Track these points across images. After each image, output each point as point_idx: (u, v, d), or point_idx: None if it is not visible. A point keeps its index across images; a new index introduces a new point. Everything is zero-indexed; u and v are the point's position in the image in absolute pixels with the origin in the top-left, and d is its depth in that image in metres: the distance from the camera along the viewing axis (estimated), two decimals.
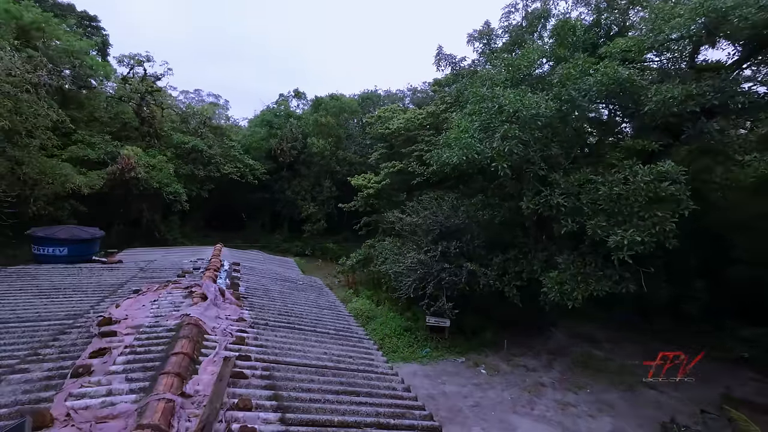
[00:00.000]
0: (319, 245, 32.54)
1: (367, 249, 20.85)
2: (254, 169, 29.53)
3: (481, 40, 17.08)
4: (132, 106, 23.44)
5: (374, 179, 22.47)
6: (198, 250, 12.90)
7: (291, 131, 30.46)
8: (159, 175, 20.64)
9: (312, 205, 31.19)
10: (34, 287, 6.91)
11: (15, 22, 20.60)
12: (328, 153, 30.12)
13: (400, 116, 24.91)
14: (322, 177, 31.65)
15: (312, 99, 40.15)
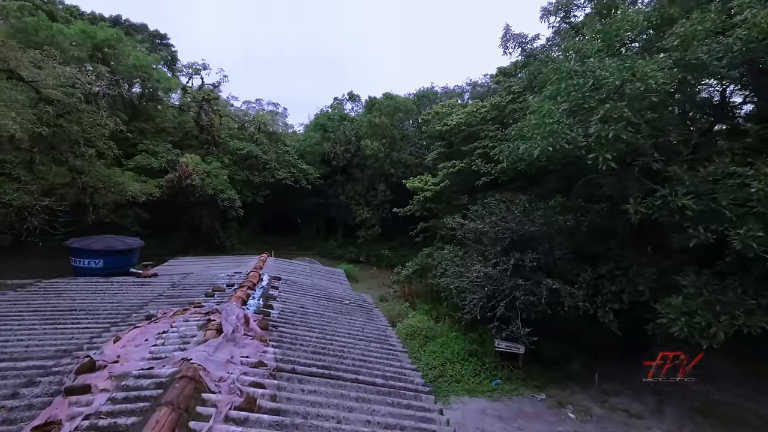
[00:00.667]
0: (374, 252, 31.39)
1: (425, 258, 19.05)
2: (308, 173, 29.24)
3: (558, 13, 14.56)
4: (191, 114, 24.16)
5: (431, 181, 20.65)
6: (243, 261, 12.10)
7: (344, 134, 29.75)
8: (214, 181, 20.79)
9: (366, 209, 30.14)
10: (49, 308, 6.22)
11: (90, 41, 22.12)
12: (382, 155, 28.89)
13: (460, 111, 22.83)
14: (376, 180, 30.50)
15: (366, 101, 39.58)
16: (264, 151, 26.78)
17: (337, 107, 36.48)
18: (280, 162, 27.76)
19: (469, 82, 35.98)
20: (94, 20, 27.74)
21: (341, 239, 33.40)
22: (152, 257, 24.82)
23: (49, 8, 27.38)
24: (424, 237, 23.68)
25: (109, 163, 16.47)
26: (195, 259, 12.65)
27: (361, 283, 25.65)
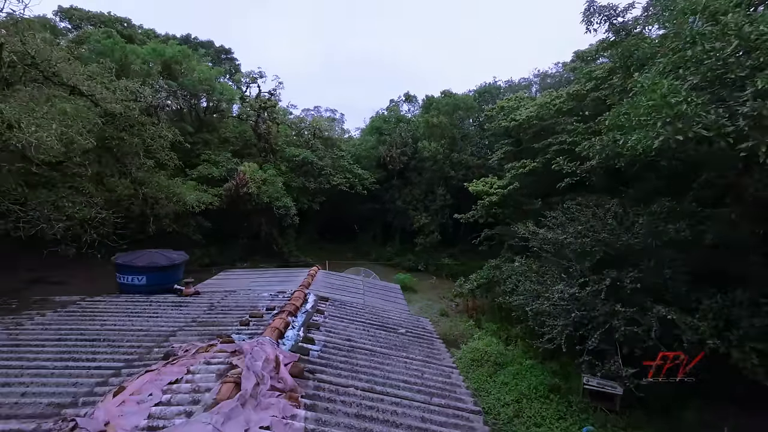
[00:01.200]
0: (433, 260, 29.73)
1: (491, 270, 17.07)
2: (363, 178, 28.53)
3: None
4: (250, 123, 24.63)
5: (497, 184, 18.59)
6: (292, 276, 11.31)
7: (400, 136, 28.60)
8: (270, 189, 20.76)
9: (424, 215, 28.63)
10: (74, 335, 5.68)
11: (160, 59, 23.45)
12: (441, 156, 27.22)
13: (529, 104, 20.49)
14: (434, 184, 28.89)
15: (423, 100, 38.17)
16: (319, 157, 26.56)
17: (393, 109, 35.52)
18: (336, 167, 27.37)
19: (537, 73, 32.98)
20: (167, 40, 29.73)
21: (398, 246, 32.21)
22: (212, 266, 25.67)
23: (128, 32, 29.94)
24: (489, 245, 21.59)
25: (170, 174, 16.93)
26: (244, 272, 12.17)
27: (419, 294, 24.19)
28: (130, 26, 31.18)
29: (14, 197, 9.64)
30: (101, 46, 19.94)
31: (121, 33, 29.50)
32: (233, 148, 26.08)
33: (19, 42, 7.76)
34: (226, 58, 38.21)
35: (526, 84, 32.83)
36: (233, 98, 26.13)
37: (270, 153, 25.25)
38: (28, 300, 7.98)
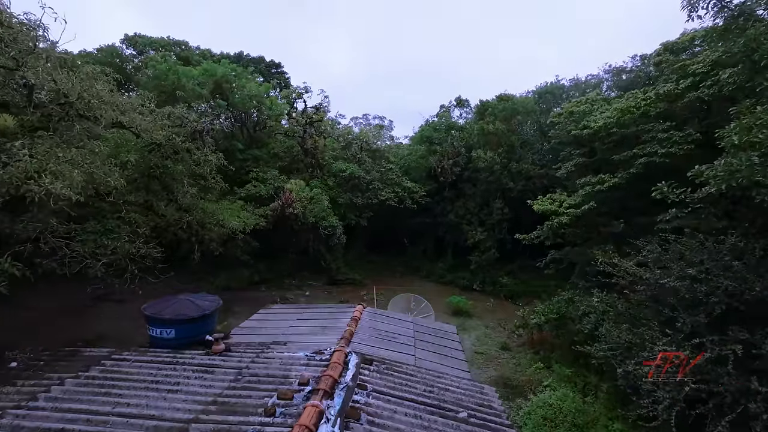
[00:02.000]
0: (489, 278, 27.52)
1: (563, 304, 14.81)
2: (413, 192, 27.15)
3: None
4: (297, 139, 24.35)
5: (567, 201, 16.25)
6: (335, 316, 10.25)
7: (452, 145, 26.86)
8: (316, 208, 20.12)
9: (479, 230, 26.58)
10: (78, 425, 4.92)
11: (212, 79, 23.96)
12: (498, 166, 25.08)
13: (603, 108, 17.90)
14: (490, 196, 26.74)
15: (476, 106, 36.05)
16: (367, 171, 25.63)
17: (444, 115, 33.80)
18: (384, 181, 26.29)
19: (608, 68, 29.44)
20: (220, 60, 30.70)
21: (451, 262, 30.33)
22: (261, 284, 25.74)
23: (185, 54, 31.36)
24: (556, 269, 19.19)
25: (218, 196, 16.81)
26: (282, 311, 11.32)
27: (475, 319, 22.24)
28: (187, 48, 32.70)
29: (61, 232, 9.49)
30: (157, 71, 20.62)
31: (179, 56, 31.01)
32: (281, 164, 26.00)
33: (52, 81, 7.47)
34: (276, 73, 38.95)
35: (596, 81, 29.50)
36: (282, 113, 26.10)
37: (317, 168, 24.79)
38: (57, 352, 7.62)
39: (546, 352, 16.84)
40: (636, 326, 10.58)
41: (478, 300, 25.93)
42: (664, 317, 9.48)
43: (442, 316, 22.50)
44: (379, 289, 25.37)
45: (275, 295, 25.02)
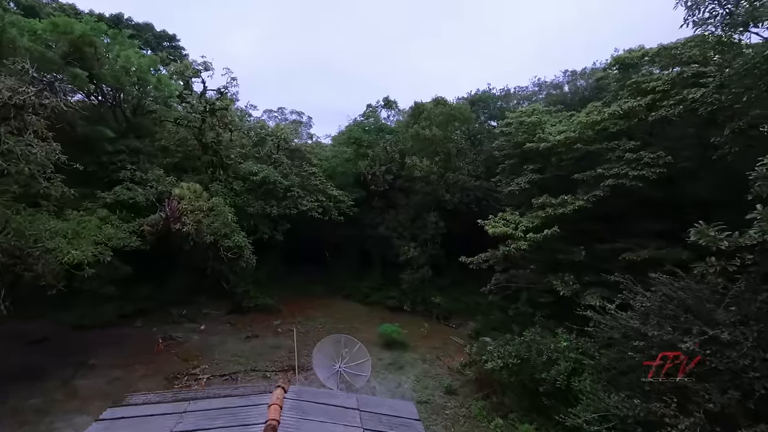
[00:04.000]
0: (421, 297, 25.33)
1: (523, 348, 12.79)
2: (340, 201, 23.69)
3: None
4: (193, 130, 19.19)
5: (524, 224, 14.47)
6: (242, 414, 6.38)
7: (385, 150, 24.11)
8: (216, 222, 15.48)
9: (412, 245, 24.21)
10: None
11: (67, 38, 17.54)
12: (435, 176, 23.01)
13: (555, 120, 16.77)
14: (425, 208, 24.61)
15: (408, 108, 34.05)
16: (284, 174, 21.47)
17: (371, 115, 31.02)
18: (305, 187, 22.41)
19: (537, 81, 29.73)
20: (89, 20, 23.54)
21: (379, 279, 27.56)
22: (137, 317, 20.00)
23: (30, 3, 23.49)
24: (503, 296, 17.57)
25: (54, 208, 11.39)
26: (147, 408, 7.07)
27: (411, 351, 19.64)
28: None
29: None
30: None
31: (20, 2, 23.08)
32: (171, 161, 20.45)
33: None
34: (169, 47, 32.10)
35: (527, 93, 29.53)
36: (173, 95, 20.50)
37: (219, 168, 19.89)
38: None
39: (497, 396, 14.86)
40: (632, 389, 8.76)
41: (410, 324, 23.48)
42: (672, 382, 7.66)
43: (374, 350, 19.46)
44: (292, 323, 21.20)
45: (156, 332, 19.34)
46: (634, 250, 12.98)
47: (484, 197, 26.69)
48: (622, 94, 16.19)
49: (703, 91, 11.64)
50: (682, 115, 12.49)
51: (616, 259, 13.68)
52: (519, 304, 17.32)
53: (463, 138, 27.39)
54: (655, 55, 15.26)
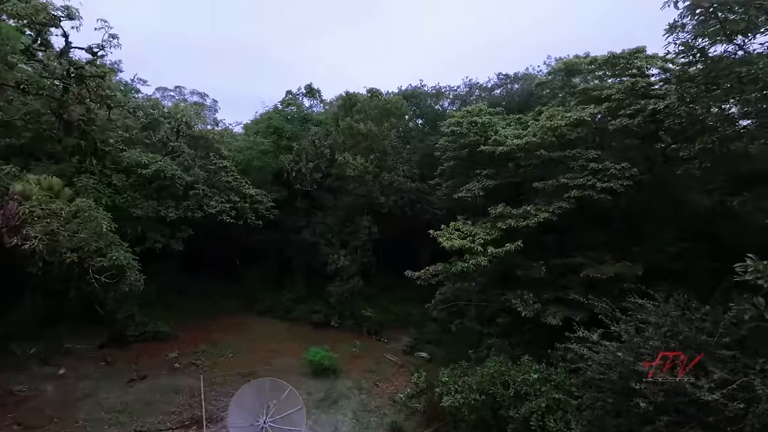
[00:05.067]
0: (350, 310, 23.03)
1: (485, 378, 11.35)
2: (257, 202, 20.12)
3: None
4: (50, 101, 14.04)
5: (481, 236, 13.07)
6: None
7: (313, 144, 21.17)
8: (83, 232, 11.17)
9: (342, 253, 21.74)
10: None
11: None
12: (370, 177, 20.86)
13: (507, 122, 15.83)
14: (357, 212, 22.32)
15: (334, 99, 31.32)
16: (186, 168, 17.28)
17: (292, 103, 27.55)
18: (214, 184, 18.45)
19: (469, 82, 29.36)
20: None
21: (302, 291, 24.53)
22: None
23: None
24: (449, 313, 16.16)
25: None
26: None
27: (344, 378, 17.18)
28: None
29: None
30: None
31: None
32: (13, 142, 14.97)
33: None
34: None
35: (460, 94, 29.01)
36: (16, 49, 14.79)
37: (91, 156, 15.00)
38: None
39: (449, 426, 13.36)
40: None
41: (339, 342, 21.03)
42: None
43: (301, 381, 16.56)
44: (194, 353, 16.96)
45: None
46: (593, 266, 12.45)
47: (418, 200, 25.43)
48: (570, 100, 15.96)
49: (667, 102, 11.38)
50: (641, 126, 12.19)
51: (572, 274, 13.14)
52: (466, 320, 16.10)
53: (397, 136, 25.74)
54: (604, 63, 15.13)
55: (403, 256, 28.27)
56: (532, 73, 24.94)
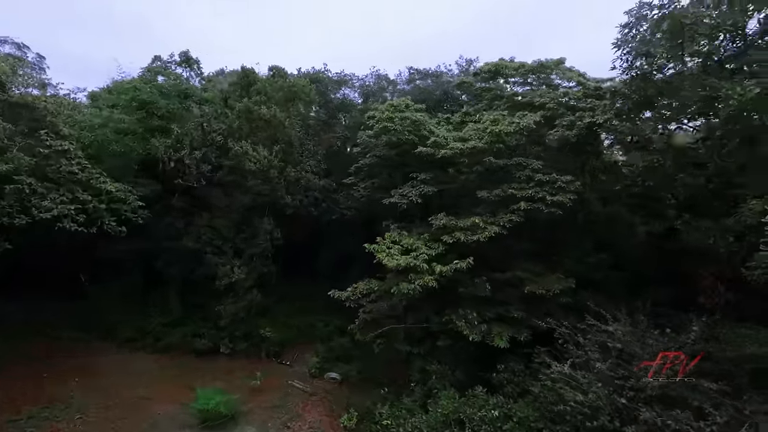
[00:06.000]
0: (244, 331, 19.57)
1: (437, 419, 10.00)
2: (117, 200, 15.20)
3: None
4: None
5: (423, 251, 11.64)
6: None
7: (201, 129, 16.99)
8: None
9: (236, 263, 18.14)
10: None
11: None
12: (276, 172, 17.75)
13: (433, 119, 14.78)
14: (256, 213, 18.89)
15: (216, 74, 26.67)
16: None
17: (163, 72, 22.03)
18: (48, 176, 13.18)
19: (377, 73, 27.91)
20: None
21: (179, 312, 19.99)
22: None
23: None
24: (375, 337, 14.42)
25: None
26: None
27: (243, 425, 13.98)
28: None
29: None
30: None
31: None
32: None
33: None
34: None
35: (368, 84, 27.40)
36: None
37: None
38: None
39: None
40: None
41: (234, 374, 17.51)
42: None
43: None
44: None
45: None
46: (534, 280, 12.24)
47: (323, 199, 23.12)
48: (499, 105, 15.75)
49: (607, 117, 11.59)
50: (579, 137, 12.31)
51: (510, 288, 12.77)
52: (396, 342, 14.63)
53: (302, 125, 22.83)
54: (532, 70, 15.22)
55: (304, 260, 25.65)
56: (444, 71, 24.78)
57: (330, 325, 22.93)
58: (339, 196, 23.00)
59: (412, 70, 25.79)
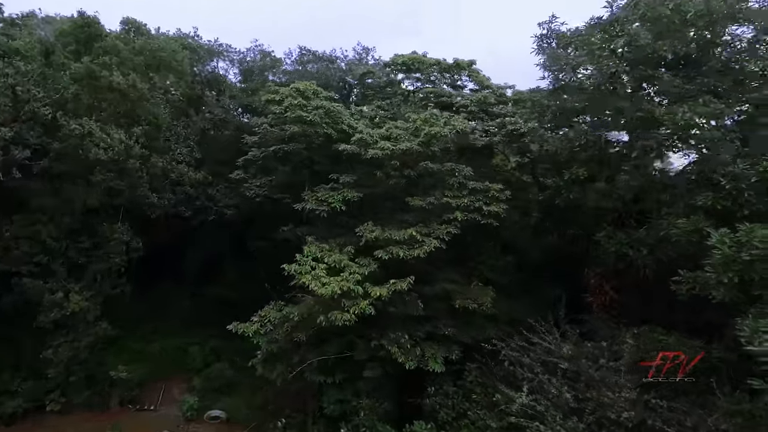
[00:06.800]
0: (86, 373, 14.78)
1: None
2: None
3: None
4: None
5: (355, 270, 9.87)
6: None
7: (13, 93, 11.63)
8: None
9: (75, 289, 13.30)
10: None
11: None
12: (136, 163, 13.53)
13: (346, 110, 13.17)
14: (105, 217, 14.19)
15: (29, 15, 19.83)
16: None
17: None
18: None
19: (259, 47, 24.34)
20: None
21: None
22: None
23: None
24: None
25: None
26: None
27: None
28: None
29: None
30: None
31: None
32: None
33: None
34: None
35: (249, 59, 23.72)
36: None
37: None
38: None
39: None
40: None
41: None
42: None
43: None
44: None
45: None
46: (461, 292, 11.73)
47: (197, 195, 19.07)
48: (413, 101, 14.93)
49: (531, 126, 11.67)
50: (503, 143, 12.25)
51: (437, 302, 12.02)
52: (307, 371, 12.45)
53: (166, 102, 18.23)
54: (448, 69, 14.82)
55: (168, 264, 20.90)
56: (339, 56, 23.00)
57: (205, 346, 19.25)
58: (215, 192, 19.40)
59: (304, 50, 23.18)
